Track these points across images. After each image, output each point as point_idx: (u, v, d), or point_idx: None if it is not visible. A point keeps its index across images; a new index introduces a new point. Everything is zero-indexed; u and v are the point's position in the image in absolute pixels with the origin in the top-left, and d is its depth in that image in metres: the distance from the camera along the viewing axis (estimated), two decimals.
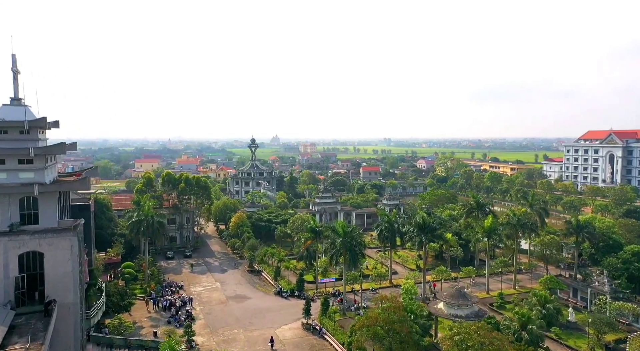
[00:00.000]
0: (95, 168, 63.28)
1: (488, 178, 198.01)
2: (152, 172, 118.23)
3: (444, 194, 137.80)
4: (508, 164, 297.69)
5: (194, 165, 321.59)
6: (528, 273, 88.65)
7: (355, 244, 69.20)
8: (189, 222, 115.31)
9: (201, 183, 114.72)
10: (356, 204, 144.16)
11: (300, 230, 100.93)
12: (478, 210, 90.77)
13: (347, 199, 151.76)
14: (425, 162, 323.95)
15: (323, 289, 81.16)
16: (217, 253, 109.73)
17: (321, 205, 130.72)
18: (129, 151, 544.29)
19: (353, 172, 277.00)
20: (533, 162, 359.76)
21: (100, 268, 67.55)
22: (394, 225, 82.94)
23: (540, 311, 61.40)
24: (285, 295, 78.75)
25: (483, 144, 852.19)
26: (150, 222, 77.88)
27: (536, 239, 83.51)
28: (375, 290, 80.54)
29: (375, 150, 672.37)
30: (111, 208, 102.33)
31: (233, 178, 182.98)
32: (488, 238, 77.17)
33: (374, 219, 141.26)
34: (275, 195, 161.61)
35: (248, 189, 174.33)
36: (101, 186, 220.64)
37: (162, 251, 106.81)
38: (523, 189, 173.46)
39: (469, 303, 57.41)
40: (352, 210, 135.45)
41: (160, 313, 71.85)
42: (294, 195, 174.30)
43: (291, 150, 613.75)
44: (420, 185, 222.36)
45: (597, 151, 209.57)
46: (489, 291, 79.00)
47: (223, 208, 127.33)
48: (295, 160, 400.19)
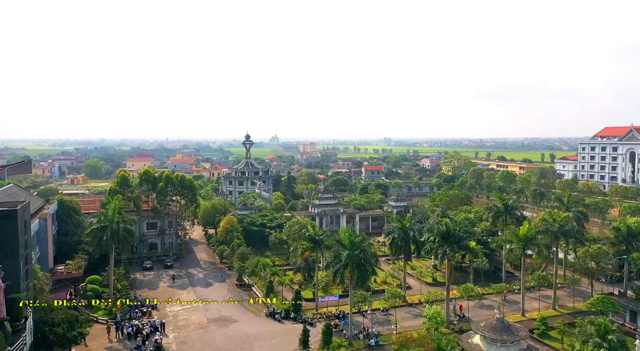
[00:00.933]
0: (27, 162, 49.54)
1: (500, 178, 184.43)
2: (128, 171, 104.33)
3: (457, 195, 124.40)
4: (517, 163, 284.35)
5: (188, 164, 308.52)
6: (565, 288, 75.36)
7: (364, 258, 55.71)
8: (172, 227, 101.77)
9: (186, 183, 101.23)
10: (360, 206, 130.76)
11: (297, 237, 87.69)
12: (506, 214, 77.31)
13: (349, 200, 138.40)
14: (430, 161, 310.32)
15: (324, 309, 67.76)
16: (203, 263, 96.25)
17: (321, 207, 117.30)
18: (125, 150, 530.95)
19: (355, 171, 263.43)
20: (540, 161, 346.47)
21: (45, 289, 53.98)
22: (408, 233, 69.48)
23: (600, 344, 47.94)
24: (278, 318, 65.30)
25: (485, 144, 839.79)
26: (115, 228, 64.24)
27: (580, 249, 70.04)
28: (386, 310, 67.20)
29: (375, 149, 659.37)
30: (79, 212, 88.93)
31: (226, 178, 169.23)
32: (523, 249, 63.76)
33: (379, 222, 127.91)
34: (272, 195, 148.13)
35: (242, 189, 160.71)
36: (88, 186, 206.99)
37: (140, 260, 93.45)
38: (540, 189, 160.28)
39: (515, 339, 43.97)
40: (356, 213, 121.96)
41: (124, 342, 58.34)
42: (292, 195, 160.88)
43: (290, 150, 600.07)
44: (426, 185, 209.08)
45: (615, 148, 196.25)
46: (525, 312, 65.57)
47: (212, 210, 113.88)
48: (294, 159, 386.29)
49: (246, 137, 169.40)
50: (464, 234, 62.37)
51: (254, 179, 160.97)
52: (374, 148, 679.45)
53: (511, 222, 77.12)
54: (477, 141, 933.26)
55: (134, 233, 68.33)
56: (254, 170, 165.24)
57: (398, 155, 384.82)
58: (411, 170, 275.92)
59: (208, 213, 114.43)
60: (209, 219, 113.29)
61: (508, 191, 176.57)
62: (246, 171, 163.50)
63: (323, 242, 67.25)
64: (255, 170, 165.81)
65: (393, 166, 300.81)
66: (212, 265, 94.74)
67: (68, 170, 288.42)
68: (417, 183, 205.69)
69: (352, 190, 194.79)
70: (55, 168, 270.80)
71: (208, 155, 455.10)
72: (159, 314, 67.00)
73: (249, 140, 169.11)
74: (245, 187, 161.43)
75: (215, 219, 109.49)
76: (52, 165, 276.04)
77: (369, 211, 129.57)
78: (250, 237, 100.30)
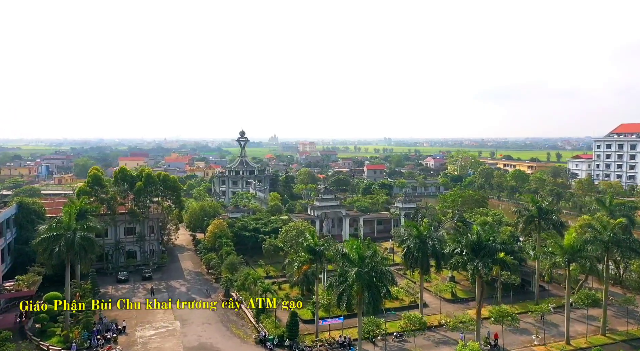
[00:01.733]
0: None
1: (512, 177, 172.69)
2: (101, 169, 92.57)
3: (472, 196, 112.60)
4: (525, 162, 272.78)
5: (183, 163, 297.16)
6: (610, 306, 63.86)
7: (377, 277, 44.15)
8: (154, 232, 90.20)
9: (169, 183, 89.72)
10: (364, 208, 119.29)
11: (294, 244, 76.30)
12: (539, 219, 65.72)
13: (352, 202, 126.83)
14: (434, 160, 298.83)
15: (326, 334, 56.31)
16: (188, 273, 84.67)
17: (322, 209, 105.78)
18: (121, 150, 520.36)
19: (356, 170, 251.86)
20: (545, 160, 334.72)
21: None
22: (426, 243, 57.89)
23: None
24: (270, 345, 53.80)
25: (486, 143, 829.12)
26: (70, 238, 52.56)
27: (634, 263, 58.54)
28: (401, 335, 55.75)
29: (376, 149, 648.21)
30: (44, 216, 77.31)
31: (219, 177, 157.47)
32: (568, 262, 52.25)
33: (385, 226, 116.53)
34: (268, 196, 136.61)
35: (236, 190, 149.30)
36: (74, 186, 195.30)
37: (115, 271, 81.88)
38: (557, 189, 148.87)
39: None
40: (360, 216, 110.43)
41: None
42: (290, 196, 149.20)
43: (290, 149, 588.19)
44: (432, 185, 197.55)
45: (634, 146, 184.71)
46: (570, 339, 54.03)
47: (200, 213, 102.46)
48: (294, 159, 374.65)
49: (240, 133, 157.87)
50: (500, 246, 50.73)
51: (249, 179, 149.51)
52: (375, 148, 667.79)
53: (547, 228, 65.53)
54: (478, 141, 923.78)
55: (94, 243, 56.54)
56: (249, 169, 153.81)
57: (400, 154, 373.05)
58: (415, 170, 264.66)
59: (196, 216, 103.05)
60: (197, 223, 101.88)
61: (521, 191, 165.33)
62: (240, 170, 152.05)
63: (324, 254, 55.72)
64: (250, 169, 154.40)
65: (395, 165, 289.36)
66: (198, 276, 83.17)
67: (57, 169, 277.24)
68: (423, 183, 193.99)
69: (354, 190, 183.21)
70: (43, 167, 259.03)
71: (205, 154, 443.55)
72: (127, 341, 55.46)
73: (244, 137, 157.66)
74: (240, 187, 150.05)
75: (204, 223, 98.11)
76: (40, 164, 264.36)
77: (373, 213, 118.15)
78: (242, 243, 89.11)
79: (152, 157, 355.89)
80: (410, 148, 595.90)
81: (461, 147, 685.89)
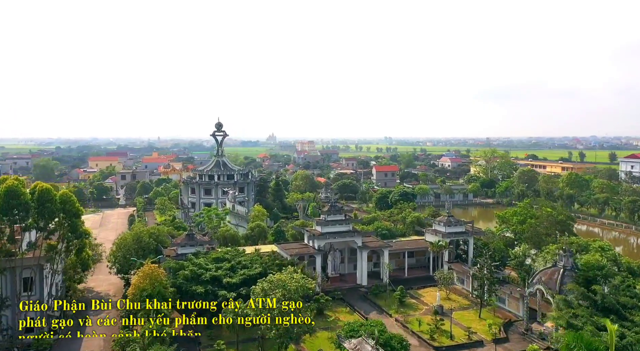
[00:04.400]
0: None
1: (566, 182, 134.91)
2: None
3: (551, 214, 74.63)
4: (557, 163, 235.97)
5: (165, 164, 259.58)
6: None
7: None
8: (35, 287, 52.51)
9: (50, 204, 51.91)
10: (386, 231, 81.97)
11: (279, 315, 40.19)
12: None
13: (368, 220, 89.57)
14: (451, 160, 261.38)
15: None
16: None
17: (326, 238, 68.41)
18: (110, 149, 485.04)
19: (362, 172, 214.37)
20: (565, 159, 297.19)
21: None
22: None
23: None
24: None
25: (491, 143, 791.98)
26: None
27: None
28: None
29: (379, 148, 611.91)
30: None
31: (187, 184, 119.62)
32: None
33: (418, 259, 79.45)
34: (251, 209, 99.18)
35: (210, 200, 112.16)
36: None
37: None
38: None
39: None
40: (384, 247, 72.48)
41: None
42: (282, 208, 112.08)
43: (288, 149, 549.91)
44: (459, 192, 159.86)
45: None
46: None
47: (133, 246, 65.25)
48: (290, 159, 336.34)
49: (216, 126, 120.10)
50: None
51: (227, 185, 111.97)
52: (377, 147, 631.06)
53: None
54: (483, 140, 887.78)
55: None
56: (228, 173, 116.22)
57: (409, 154, 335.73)
58: (429, 171, 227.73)
59: (128, 249, 65.80)
60: (127, 261, 64.58)
61: (581, 201, 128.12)
62: (216, 174, 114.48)
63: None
64: (229, 172, 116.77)
65: (406, 166, 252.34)
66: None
67: (19, 171, 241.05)
68: (449, 189, 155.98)
69: (364, 198, 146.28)
70: (5, 168, 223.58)
71: (197, 153, 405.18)
72: None
73: (221, 131, 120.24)
74: (215, 196, 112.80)
75: (137, 264, 60.80)
76: None
77: (400, 239, 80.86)
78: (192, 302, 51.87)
79: (131, 157, 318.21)
80: (415, 147, 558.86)
81: (466, 146, 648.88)
